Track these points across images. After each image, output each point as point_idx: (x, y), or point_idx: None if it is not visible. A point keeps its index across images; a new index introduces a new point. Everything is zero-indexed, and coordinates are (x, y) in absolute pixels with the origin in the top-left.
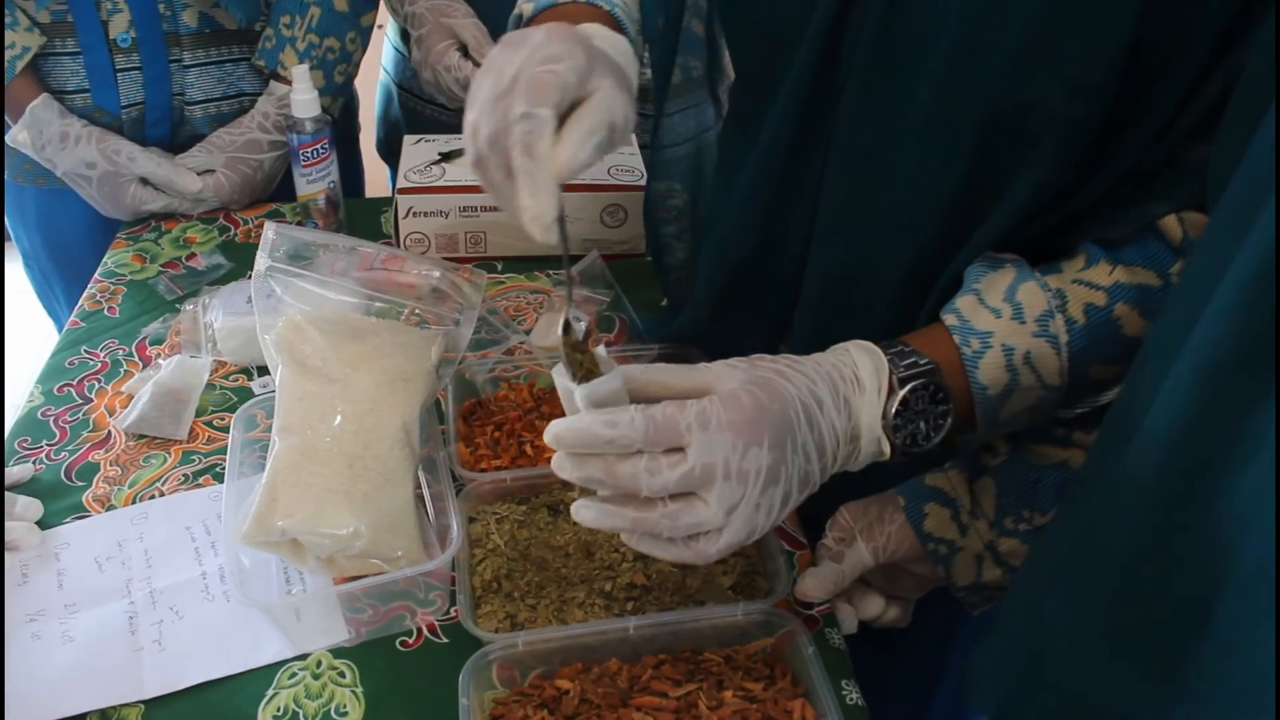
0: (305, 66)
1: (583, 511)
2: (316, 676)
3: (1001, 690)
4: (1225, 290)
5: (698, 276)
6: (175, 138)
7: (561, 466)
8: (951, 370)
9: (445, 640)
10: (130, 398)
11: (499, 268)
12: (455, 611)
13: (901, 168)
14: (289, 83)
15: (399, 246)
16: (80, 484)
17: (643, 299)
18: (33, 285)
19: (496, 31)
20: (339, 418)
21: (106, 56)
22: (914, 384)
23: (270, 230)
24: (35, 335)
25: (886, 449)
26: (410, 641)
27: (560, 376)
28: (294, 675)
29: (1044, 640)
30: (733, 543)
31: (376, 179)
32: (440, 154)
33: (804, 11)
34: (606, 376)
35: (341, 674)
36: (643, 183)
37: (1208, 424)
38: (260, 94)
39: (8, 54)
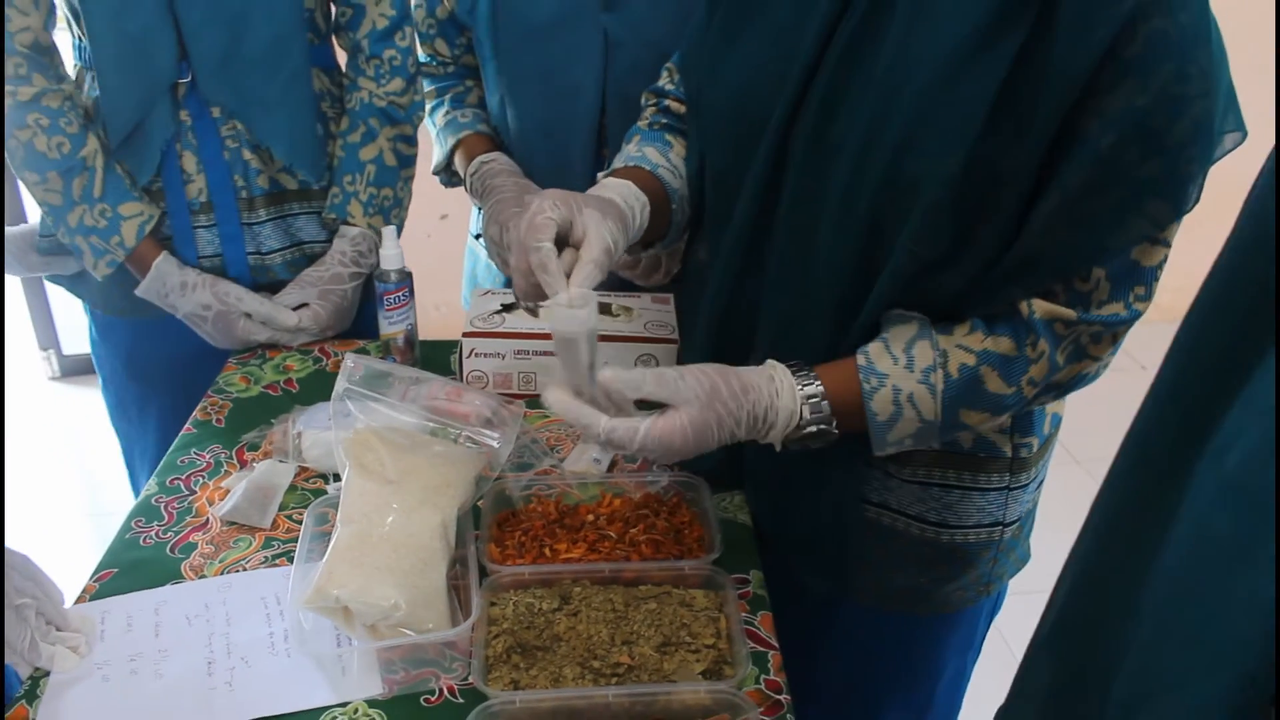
0: (393, 228)
1: (548, 394)
2: None
3: None
4: None
5: (695, 329)
6: (255, 284)
7: (548, 406)
8: (850, 396)
9: (461, 701)
10: (227, 492)
11: None
12: (472, 674)
13: (822, 240)
14: (356, 226)
15: (462, 381)
16: (180, 556)
17: None
18: (107, 406)
19: None
20: (390, 513)
21: (186, 218)
22: (811, 428)
23: (349, 359)
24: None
25: (778, 449)
26: (432, 699)
27: (557, 306)
28: (335, 717)
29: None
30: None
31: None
32: (502, 305)
33: (761, 125)
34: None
35: None
36: (673, 336)
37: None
38: (318, 240)
39: (137, 220)
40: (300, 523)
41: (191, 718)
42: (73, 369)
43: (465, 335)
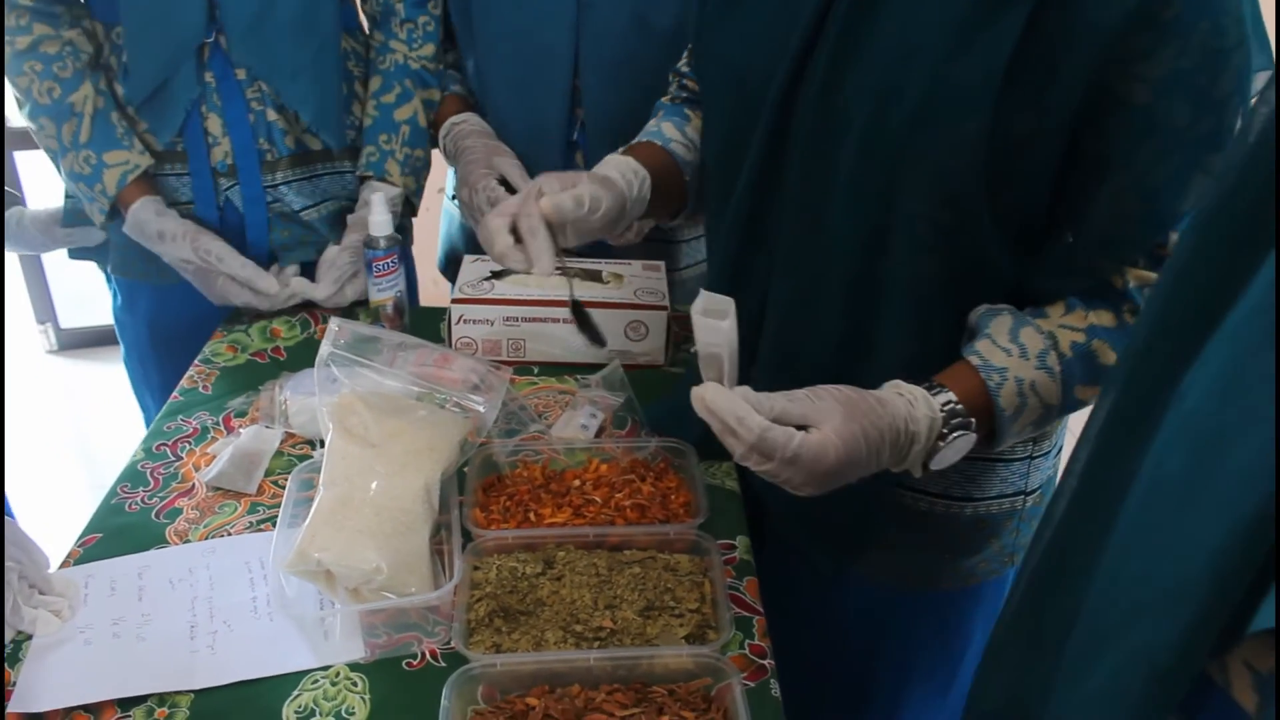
0: (382, 194)
1: (704, 389)
2: (334, 684)
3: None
4: None
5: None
6: (273, 234)
7: (699, 409)
8: (978, 398)
9: (443, 665)
10: (213, 458)
11: (535, 370)
12: (454, 637)
13: (832, 216)
14: (395, 184)
15: (450, 348)
16: (165, 522)
17: (654, 400)
18: (129, 376)
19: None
20: (374, 476)
21: (210, 179)
22: (955, 436)
23: (334, 324)
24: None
25: (917, 473)
26: (414, 663)
27: (698, 314)
28: (316, 681)
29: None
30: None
31: (439, 292)
32: (492, 271)
33: (761, 97)
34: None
35: (354, 683)
36: (663, 303)
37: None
38: (341, 196)
39: (120, 169)
40: (286, 485)
41: (173, 681)
42: (70, 342)
43: (454, 301)
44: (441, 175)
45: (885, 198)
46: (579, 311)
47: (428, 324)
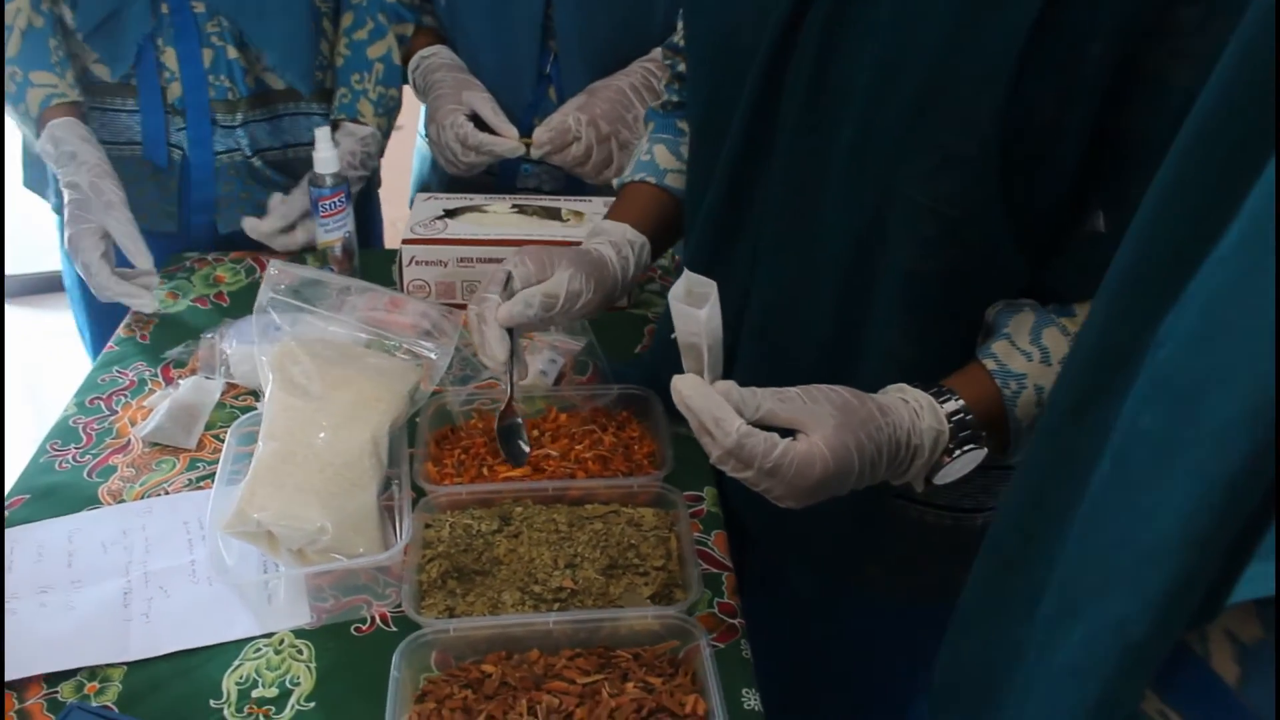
0: (327, 129)
1: (683, 381)
2: (278, 652)
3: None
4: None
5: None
6: (218, 192)
7: (677, 402)
8: (992, 407)
9: (394, 629)
10: (150, 411)
11: None
12: (404, 600)
13: (826, 202)
14: (368, 125)
15: (402, 290)
16: (98, 481)
17: (618, 345)
18: (79, 328)
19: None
20: (318, 429)
21: (161, 118)
22: (962, 452)
23: (274, 267)
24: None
25: (919, 488)
26: (364, 628)
27: (676, 300)
28: (259, 650)
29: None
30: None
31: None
32: (445, 210)
33: (746, 66)
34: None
35: (300, 651)
36: None
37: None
38: (306, 143)
39: (44, 90)
40: (225, 439)
41: (105, 653)
42: (13, 290)
43: (405, 242)
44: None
45: (884, 184)
46: (508, 431)
47: (379, 267)
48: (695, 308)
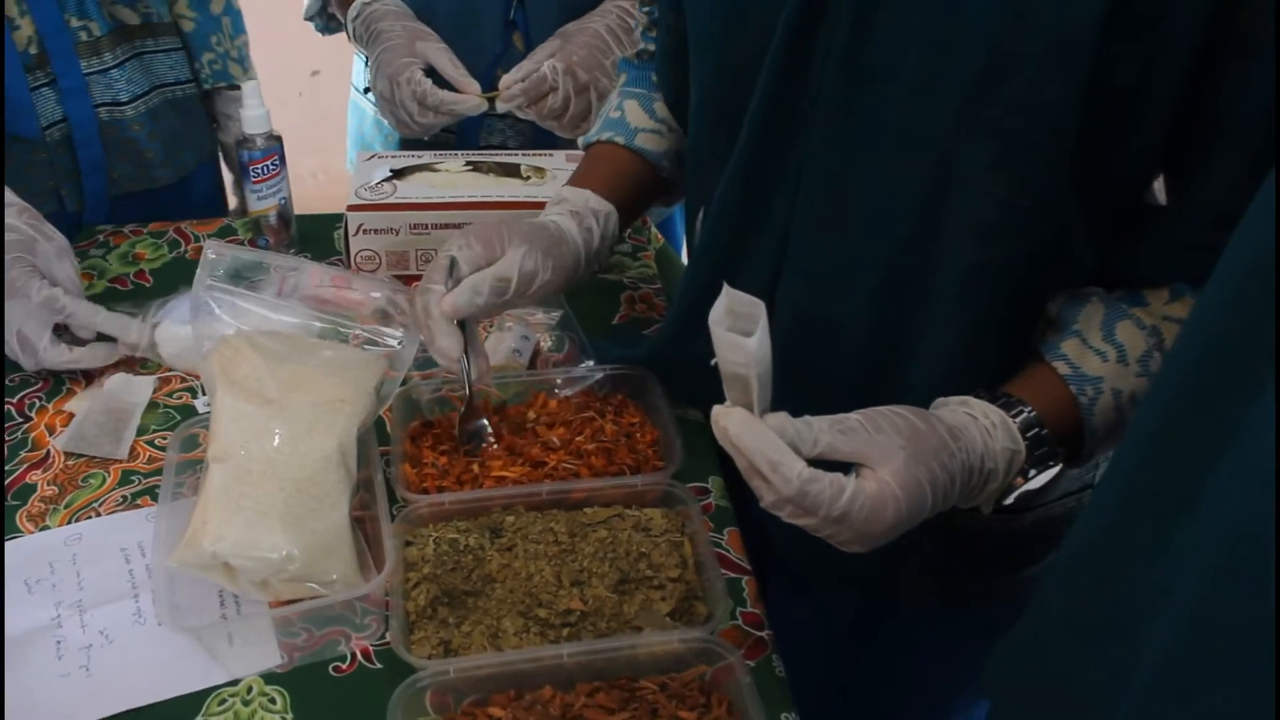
0: (255, 82)
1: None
2: (246, 703)
3: (1004, 675)
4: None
5: (670, 304)
6: (112, 160)
7: (722, 437)
8: (1066, 416)
9: (379, 666)
10: (71, 416)
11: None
12: (391, 636)
13: (868, 193)
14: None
15: (349, 264)
16: (14, 504)
17: (593, 316)
18: None
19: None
20: (275, 440)
21: (21, 78)
22: (1038, 472)
23: (211, 248)
24: None
25: (986, 511)
26: (344, 667)
27: (718, 326)
28: (224, 701)
29: (1045, 630)
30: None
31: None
32: (392, 170)
33: (764, 44)
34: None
35: (272, 700)
36: None
37: (1195, 414)
38: (181, 83)
39: None
40: (166, 449)
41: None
42: None
43: (350, 209)
44: (309, 61)
45: (939, 170)
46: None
47: (320, 234)
48: (741, 332)
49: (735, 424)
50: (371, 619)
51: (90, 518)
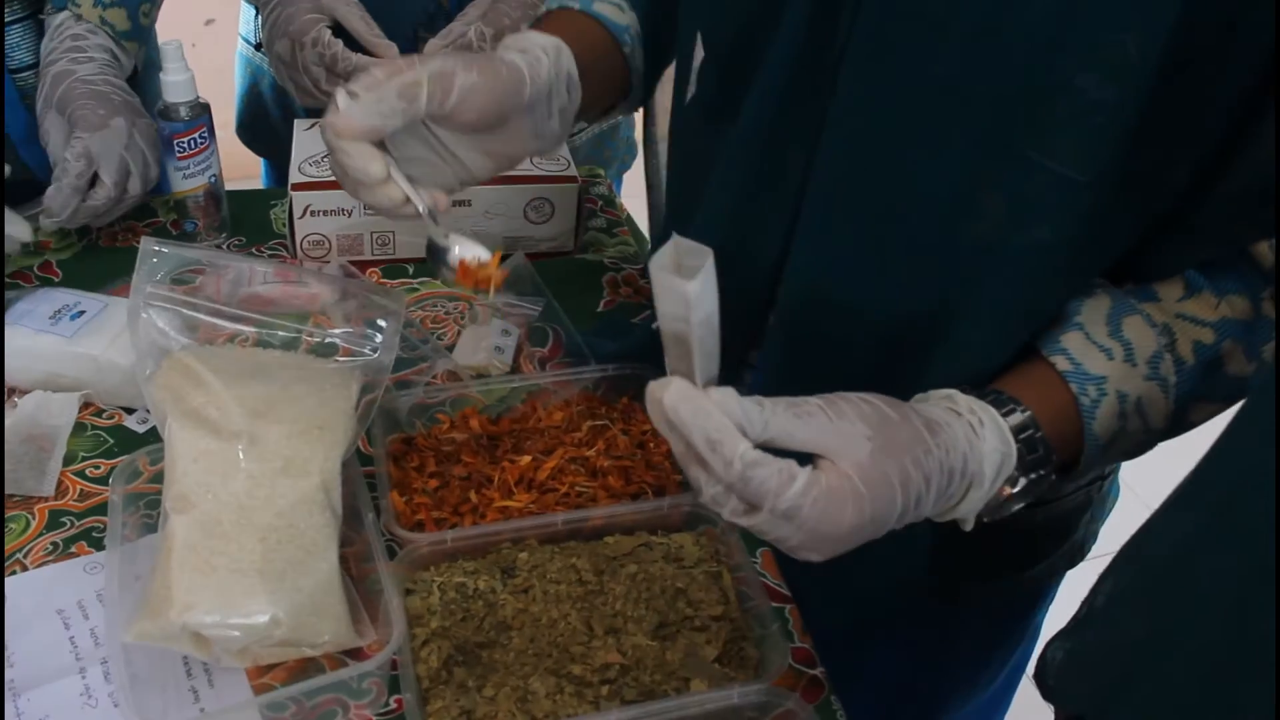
0: (179, 43)
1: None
2: None
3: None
4: None
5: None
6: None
7: (655, 417)
8: (1063, 416)
9: None
10: None
11: (410, 271)
12: (397, 701)
13: (903, 157)
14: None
15: (295, 249)
16: None
17: (578, 305)
18: None
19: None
20: (243, 480)
21: None
22: (1029, 479)
23: (148, 244)
24: None
25: (968, 527)
26: None
27: (661, 270)
28: None
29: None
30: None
31: (236, 166)
32: None
33: None
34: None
35: None
36: (570, 173)
37: None
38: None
39: None
40: (102, 483)
41: None
42: None
43: (295, 188)
44: (201, 10)
45: (993, 134)
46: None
47: (252, 214)
48: (682, 282)
49: (671, 396)
50: (371, 681)
51: (15, 572)
